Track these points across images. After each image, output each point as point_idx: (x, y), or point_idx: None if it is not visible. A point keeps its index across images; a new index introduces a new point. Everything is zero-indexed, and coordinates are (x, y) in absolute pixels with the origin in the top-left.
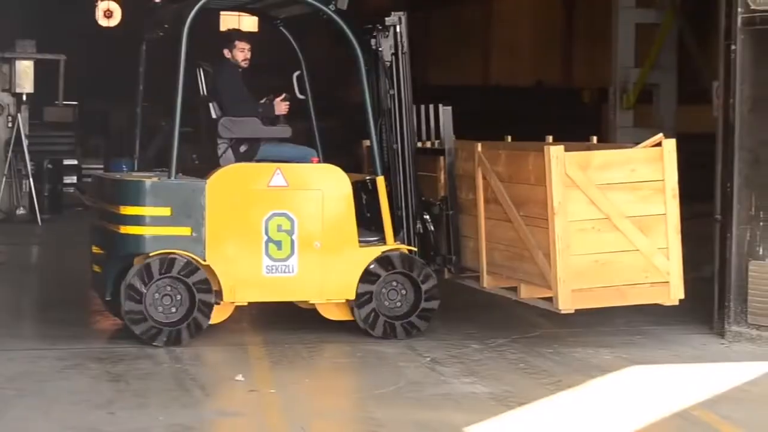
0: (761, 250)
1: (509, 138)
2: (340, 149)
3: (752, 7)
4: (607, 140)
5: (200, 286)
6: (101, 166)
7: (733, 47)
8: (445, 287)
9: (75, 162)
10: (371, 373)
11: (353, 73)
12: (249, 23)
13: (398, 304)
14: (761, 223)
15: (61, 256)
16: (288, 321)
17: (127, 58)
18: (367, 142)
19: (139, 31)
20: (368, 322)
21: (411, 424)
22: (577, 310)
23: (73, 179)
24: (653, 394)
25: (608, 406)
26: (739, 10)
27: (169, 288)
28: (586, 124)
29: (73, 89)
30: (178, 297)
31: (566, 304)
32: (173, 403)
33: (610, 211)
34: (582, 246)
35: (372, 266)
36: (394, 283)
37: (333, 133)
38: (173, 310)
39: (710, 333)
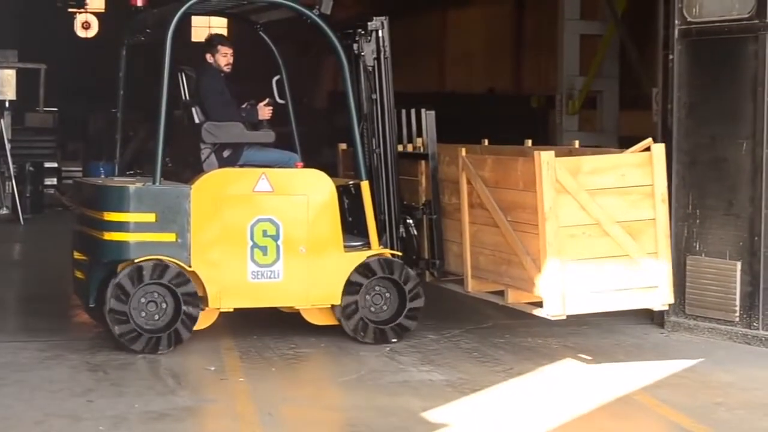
0: (697, 246)
1: (485, 141)
2: (306, 154)
3: (689, 19)
4: (553, 143)
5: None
6: (80, 169)
7: (671, 57)
8: None
9: (55, 165)
10: (334, 363)
11: (318, 78)
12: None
13: (384, 307)
14: (697, 221)
15: (42, 254)
16: (256, 315)
17: (104, 66)
18: (343, 146)
19: (120, 36)
20: (358, 331)
21: (372, 410)
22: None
23: (54, 181)
24: (598, 380)
25: (556, 392)
26: (677, 22)
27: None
28: (535, 129)
29: (54, 96)
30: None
31: (557, 311)
32: (149, 392)
33: (600, 217)
34: (573, 252)
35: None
36: (379, 288)
37: (299, 138)
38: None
39: (651, 323)
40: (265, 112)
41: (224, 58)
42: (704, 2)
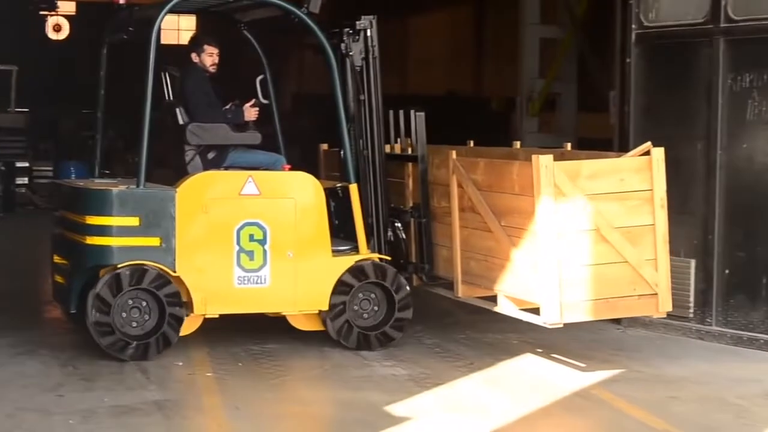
0: None
1: (471, 143)
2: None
3: (645, 24)
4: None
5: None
6: (51, 168)
7: (628, 60)
8: None
9: (27, 164)
10: (300, 358)
11: (282, 80)
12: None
13: (371, 314)
14: None
15: (14, 251)
16: None
17: (75, 68)
18: (324, 146)
19: (100, 35)
20: (341, 334)
21: (336, 404)
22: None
23: (25, 180)
24: (556, 375)
25: (515, 386)
26: (634, 26)
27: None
28: (496, 130)
29: (25, 97)
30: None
31: (555, 318)
32: (118, 386)
33: (599, 222)
34: (571, 258)
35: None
36: (368, 293)
37: (268, 140)
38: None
39: (607, 319)
40: (251, 113)
41: (210, 58)
42: (661, 7)
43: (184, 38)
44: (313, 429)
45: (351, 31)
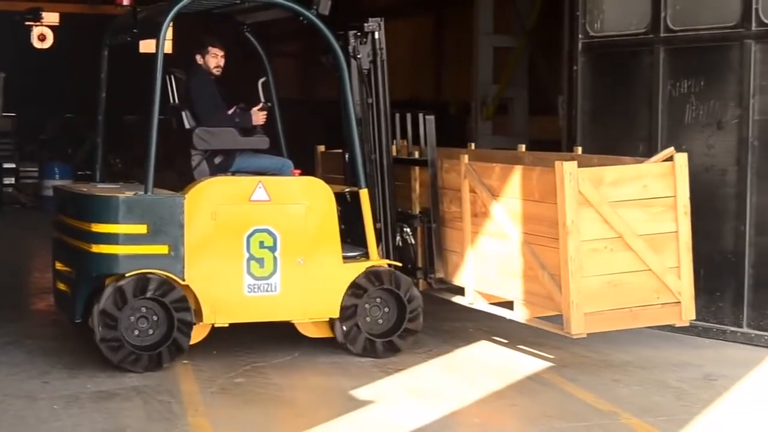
0: None
1: (472, 145)
2: None
3: (591, 34)
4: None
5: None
6: (36, 169)
7: (575, 67)
8: None
9: (13, 165)
10: (271, 345)
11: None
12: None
13: (380, 321)
14: None
15: (1, 247)
16: None
17: (59, 75)
18: (321, 148)
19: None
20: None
21: (305, 389)
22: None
23: (12, 180)
24: (509, 361)
25: (471, 371)
26: (580, 36)
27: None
28: (453, 132)
29: (12, 102)
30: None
31: (578, 329)
32: (100, 374)
33: (622, 230)
34: (594, 267)
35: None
36: (379, 300)
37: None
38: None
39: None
40: (259, 116)
41: (214, 59)
42: (605, 18)
43: (167, 46)
44: (284, 411)
45: (359, 34)
